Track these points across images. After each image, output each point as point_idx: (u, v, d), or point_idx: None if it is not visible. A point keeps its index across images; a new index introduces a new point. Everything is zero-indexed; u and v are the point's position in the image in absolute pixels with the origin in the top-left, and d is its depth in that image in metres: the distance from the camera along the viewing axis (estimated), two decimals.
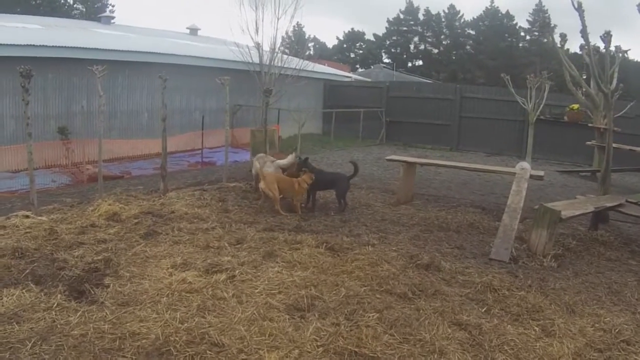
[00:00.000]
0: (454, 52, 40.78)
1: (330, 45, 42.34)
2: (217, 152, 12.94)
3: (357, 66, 41.44)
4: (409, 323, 3.91)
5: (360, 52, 43.85)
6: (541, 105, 13.09)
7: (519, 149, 16.28)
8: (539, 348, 3.72)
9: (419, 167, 10.15)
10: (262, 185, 7.27)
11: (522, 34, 37.47)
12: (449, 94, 17.90)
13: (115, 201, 7.10)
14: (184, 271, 4.67)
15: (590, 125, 8.66)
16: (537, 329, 4.02)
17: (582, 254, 6.43)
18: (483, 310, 4.29)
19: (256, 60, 14.98)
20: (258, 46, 14.91)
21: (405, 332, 3.79)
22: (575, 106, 8.05)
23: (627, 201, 7.27)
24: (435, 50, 41.94)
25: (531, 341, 3.81)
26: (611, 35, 7.28)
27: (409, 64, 43.04)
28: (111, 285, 4.28)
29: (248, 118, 15.08)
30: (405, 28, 42.08)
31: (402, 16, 40.68)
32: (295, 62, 15.73)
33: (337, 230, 6.67)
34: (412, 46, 42.78)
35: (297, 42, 22.68)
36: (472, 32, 39.59)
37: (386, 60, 43.14)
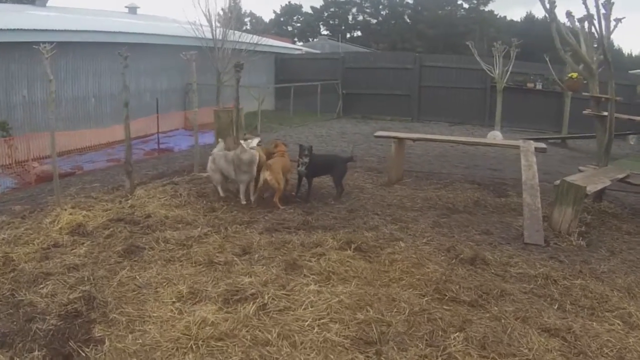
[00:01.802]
0: (393, 22, 40.16)
1: (267, 19, 40.50)
2: (173, 137, 11.51)
3: (295, 39, 39.98)
4: (499, 338, 3.32)
5: (298, 25, 42.27)
6: (508, 73, 12.64)
7: (482, 117, 15.97)
8: (633, 344, 3.39)
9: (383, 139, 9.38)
10: (267, 175, 6.10)
11: (460, 2, 37.49)
12: (408, 64, 17.18)
13: (75, 207, 5.72)
14: (195, 304, 3.57)
15: (585, 94, 8.17)
16: (618, 322, 3.69)
17: (602, 229, 6.13)
18: (556, 307, 3.87)
19: (208, 36, 13.46)
20: (211, 18, 13.42)
21: (502, 350, 3.20)
22: (575, 74, 7.63)
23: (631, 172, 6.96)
24: (374, 21, 41.16)
25: (623, 338, 3.47)
26: (613, 3, 6.71)
27: (348, 35, 42.10)
28: (105, 338, 3.10)
29: (201, 98, 13.53)
30: None
31: None
32: (247, 37, 14.35)
33: (350, 222, 5.76)
34: (350, 17, 41.78)
35: (234, 17, 21.14)
36: (411, 2, 39.11)
37: (324, 33, 41.94)
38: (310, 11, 41.61)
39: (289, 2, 42.38)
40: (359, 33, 42.95)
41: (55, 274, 3.98)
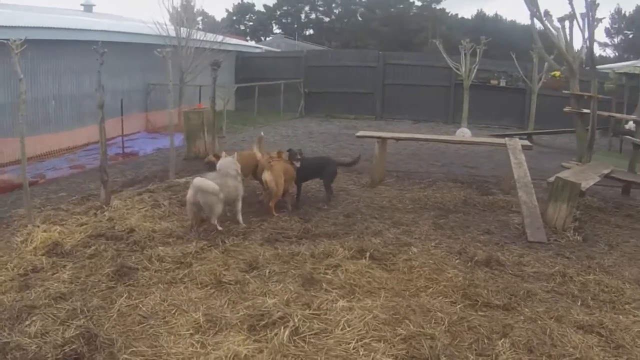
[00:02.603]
0: (346, 20, 40.07)
1: (219, 18, 39.25)
2: (135, 140, 10.75)
3: (248, 38, 39.13)
4: (542, 340, 3.24)
5: (250, 24, 41.31)
6: (474, 70, 12.70)
7: (446, 114, 16.08)
8: None
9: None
10: (267, 175, 5.66)
11: (412, 0, 37.82)
12: (371, 61, 17.03)
13: (46, 222, 5.07)
14: (217, 334, 3.12)
15: (565, 92, 8.25)
16: None
17: (592, 224, 6.22)
18: (579, 304, 3.88)
19: (172, 34, 12.73)
20: (177, 16, 12.72)
21: (550, 352, 3.11)
22: (557, 73, 7.67)
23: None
24: (327, 19, 40.85)
25: None
26: (598, 4, 6.77)
27: (300, 34, 41.69)
28: None
29: (162, 98, 12.80)
30: None
31: None
32: (210, 36, 13.71)
33: (351, 228, 5.45)
34: (303, 15, 41.31)
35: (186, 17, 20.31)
36: (364, 0, 39.14)
37: (277, 31, 41.28)
38: (263, 9, 40.79)
39: (242, 0, 41.35)
40: (312, 31, 42.58)
41: (41, 307, 3.39)
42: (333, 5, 40.56)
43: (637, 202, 7.19)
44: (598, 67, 9.74)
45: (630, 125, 9.55)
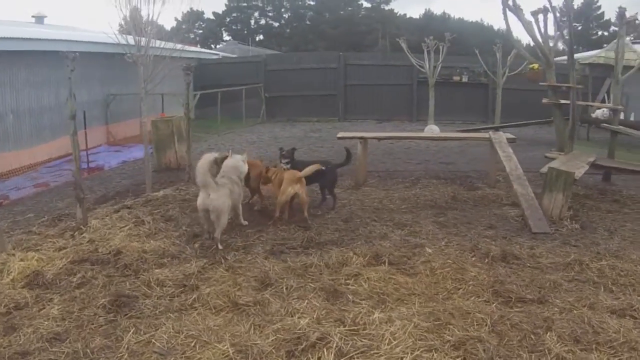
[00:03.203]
0: (295, 24, 39.87)
1: (168, 27, 38.05)
2: (98, 154, 9.98)
3: (198, 46, 38.17)
4: (585, 329, 3.20)
5: (200, 32, 40.32)
6: (438, 68, 12.71)
7: (410, 112, 16.08)
8: None
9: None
10: (298, 188, 5.30)
11: (361, 2, 38.09)
12: (332, 63, 16.81)
13: (18, 248, 4.47)
14: None
15: (541, 83, 8.30)
16: None
17: (585, 211, 6.23)
18: (603, 290, 3.88)
19: (131, 42, 11.90)
20: (125, 26, 11.91)
21: (597, 340, 3.08)
22: (536, 65, 7.70)
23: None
24: (276, 24, 40.52)
25: None
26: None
27: (250, 39, 41.12)
28: None
29: (123, 109, 12.04)
30: (245, 4, 39.72)
31: None
32: (170, 44, 12.99)
33: (355, 233, 5.16)
34: (252, 21, 40.74)
35: (134, 26, 19.37)
36: (312, 3, 39.02)
37: (227, 38, 40.53)
38: (212, 17, 39.87)
39: (191, 8, 40.32)
40: (262, 37, 42.09)
41: (35, 352, 2.86)
42: (282, 9, 40.30)
43: (620, 188, 7.29)
44: (559, 59, 9.90)
45: (597, 113, 9.78)
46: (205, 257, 4.37)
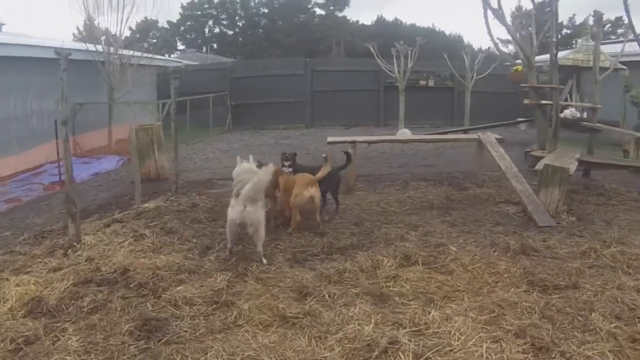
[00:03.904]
0: (250, 32, 39.37)
1: (122, 37, 36.58)
2: (64, 166, 9.19)
3: (152, 55, 36.89)
4: (622, 307, 3.40)
5: (154, 41, 39.02)
6: (408, 73, 12.80)
7: (377, 118, 16.14)
8: None
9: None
10: (314, 191, 5.07)
11: (313, 9, 38.09)
12: (299, 69, 16.61)
13: (8, 271, 3.97)
14: None
15: (522, 85, 8.45)
16: None
17: (576, 205, 6.36)
18: (620, 273, 4.07)
19: (99, 48, 11.35)
20: (79, 36, 11.40)
21: (636, 315, 3.27)
22: (519, 67, 7.83)
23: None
24: (231, 32, 39.87)
25: None
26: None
27: (204, 48, 40.26)
28: None
29: (90, 119, 11.28)
30: (199, 12, 38.82)
31: (196, 0, 37.29)
32: (136, 52, 12.48)
33: (372, 236, 5.00)
34: (207, 30, 39.88)
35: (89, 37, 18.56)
36: (266, 11, 38.66)
37: (181, 47, 39.43)
38: (166, 26, 38.64)
39: (145, 17, 38.95)
40: (216, 45, 41.28)
41: None
42: (236, 18, 39.69)
43: (601, 182, 7.54)
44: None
45: (566, 113, 10.11)
46: (227, 270, 4.04)
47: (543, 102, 7.82)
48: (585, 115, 10.36)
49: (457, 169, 9.10)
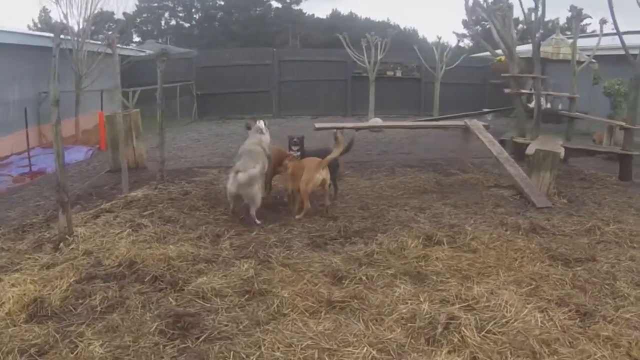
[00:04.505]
0: (206, 25, 37.95)
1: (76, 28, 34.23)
2: (34, 157, 8.38)
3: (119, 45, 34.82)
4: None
5: (109, 32, 36.82)
6: (377, 63, 12.63)
7: (344, 108, 15.91)
8: None
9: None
10: (325, 174, 4.80)
11: (269, 2, 37.11)
12: (266, 59, 16.06)
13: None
14: None
15: (503, 75, 8.46)
16: None
17: (564, 188, 6.38)
18: (626, 247, 4.22)
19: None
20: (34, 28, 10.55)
21: None
22: (502, 58, 7.80)
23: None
24: (187, 24, 38.27)
25: None
26: None
27: (160, 40, 38.55)
28: None
29: (60, 108, 10.33)
30: (155, 4, 36.97)
31: None
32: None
33: (383, 219, 4.83)
34: (163, 22, 38.09)
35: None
36: (223, 3, 37.38)
37: (137, 39, 37.43)
38: (122, 17, 36.51)
39: (101, 9, 36.66)
40: (172, 37, 39.56)
41: None
42: (193, 10, 38.16)
43: (579, 168, 7.65)
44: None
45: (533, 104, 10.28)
46: (247, 258, 3.71)
47: (523, 91, 7.87)
48: (549, 105, 10.61)
49: (436, 156, 9.07)
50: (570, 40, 9.55)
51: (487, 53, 18.42)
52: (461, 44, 24.51)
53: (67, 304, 3.10)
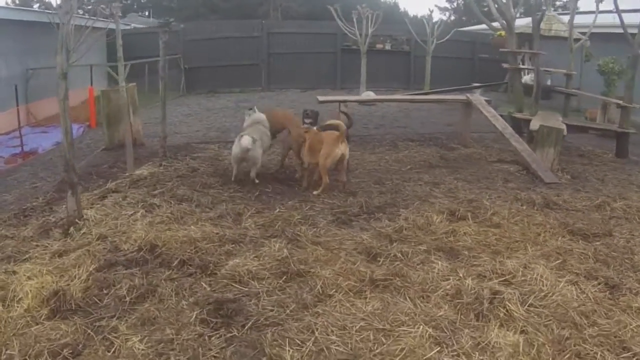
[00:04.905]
0: None
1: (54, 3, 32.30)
2: (23, 136, 7.91)
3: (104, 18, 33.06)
4: None
5: (89, 7, 34.93)
6: (369, 36, 12.26)
7: (334, 81, 15.55)
8: None
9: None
10: (344, 149, 4.69)
11: None
12: (255, 31, 15.47)
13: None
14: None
15: (501, 49, 8.27)
16: None
17: (565, 164, 6.34)
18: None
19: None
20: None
21: None
22: (502, 32, 7.61)
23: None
24: None
25: None
26: None
27: (139, 14, 36.91)
28: None
29: (43, 85, 9.80)
30: None
31: None
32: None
33: (401, 195, 4.78)
34: None
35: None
36: None
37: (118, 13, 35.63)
38: None
39: None
40: (152, 11, 37.87)
41: None
42: None
43: (577, 144, 7.61)
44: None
45: (526, 79, 10.18)
46: (275, 237, 3.56)
47: (521, 66, 7.75)
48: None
49: (433, 130, 8.94)
50: (564, 17, 9.44)
51: (476, 27, 18.25)
52: (443, 17, 23.97)
53: (90, 295, 2.85)
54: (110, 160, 6.58)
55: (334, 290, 2.74)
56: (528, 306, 2.68)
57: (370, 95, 12.62)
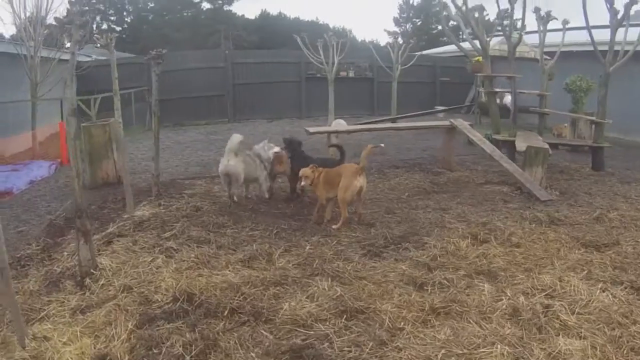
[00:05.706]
0: (137, 28, 35.58)
1: (7, 34, 30.35)
2: None
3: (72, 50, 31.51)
4: None
5: (41, 39, 33.25)
6: (335, 64, 12.39)
7: (299, 109, 15.54)
8: None
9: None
10: (363, 181, 4.60)
11: (201, 4, 35.50)
12: (219, 62, 15.27)
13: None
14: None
15: (477, 74, 8.60)
16: None
17: (551, 181, 6.57)
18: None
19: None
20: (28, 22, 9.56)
21: None
22: (480, 58, 7.87)
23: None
24: (119, 28, 35.60)
25: None
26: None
27: (96, 46, 35.61)
28: None
29: (10, 119, 9.14)
30: (87, 8, 33.85)
31: None
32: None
33: (417, 222, 4.78)
34: (94, 26, 35.13)
35: None
36: (154, 5, 35.15)
37: (68, 45, 34.23)
38: (53, 22, 33.18)
39: (32, 13, 32.95)
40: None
41: None
42: (124, 13, 35.62)
43: (553, 161, 7.82)
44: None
45: (506, 101, 10.59)
46: (316, 275, 3.42)
47: (496, 90, 8.10)
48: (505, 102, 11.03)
49: (411, 156, 9.09)
50: (531, 40, 9.98)
51: (435, 51, 18.90)
52: (390, 41, 24.65)
53: (139, 356, 2.59)
54: (97, 201, 6.15)
55: (402, 323, 2.71)
56: (577, 315, 2.86)
57: (341, 123, 12.68)
